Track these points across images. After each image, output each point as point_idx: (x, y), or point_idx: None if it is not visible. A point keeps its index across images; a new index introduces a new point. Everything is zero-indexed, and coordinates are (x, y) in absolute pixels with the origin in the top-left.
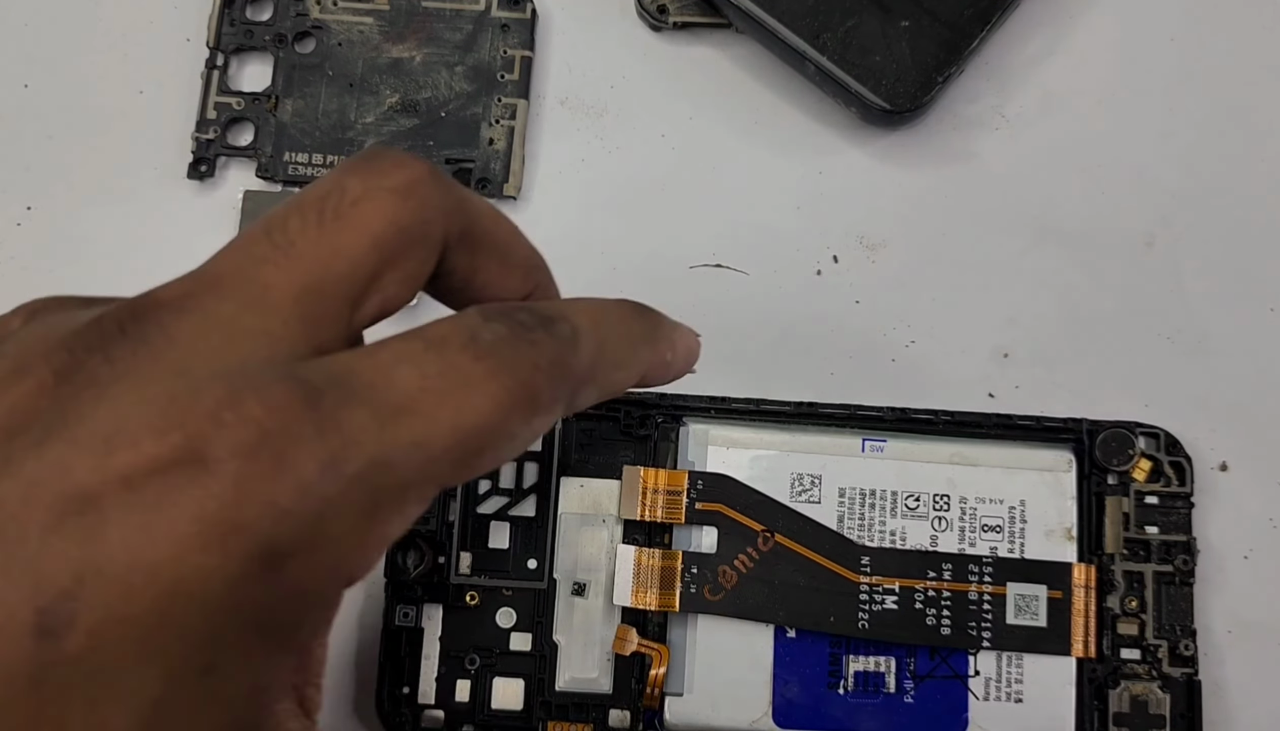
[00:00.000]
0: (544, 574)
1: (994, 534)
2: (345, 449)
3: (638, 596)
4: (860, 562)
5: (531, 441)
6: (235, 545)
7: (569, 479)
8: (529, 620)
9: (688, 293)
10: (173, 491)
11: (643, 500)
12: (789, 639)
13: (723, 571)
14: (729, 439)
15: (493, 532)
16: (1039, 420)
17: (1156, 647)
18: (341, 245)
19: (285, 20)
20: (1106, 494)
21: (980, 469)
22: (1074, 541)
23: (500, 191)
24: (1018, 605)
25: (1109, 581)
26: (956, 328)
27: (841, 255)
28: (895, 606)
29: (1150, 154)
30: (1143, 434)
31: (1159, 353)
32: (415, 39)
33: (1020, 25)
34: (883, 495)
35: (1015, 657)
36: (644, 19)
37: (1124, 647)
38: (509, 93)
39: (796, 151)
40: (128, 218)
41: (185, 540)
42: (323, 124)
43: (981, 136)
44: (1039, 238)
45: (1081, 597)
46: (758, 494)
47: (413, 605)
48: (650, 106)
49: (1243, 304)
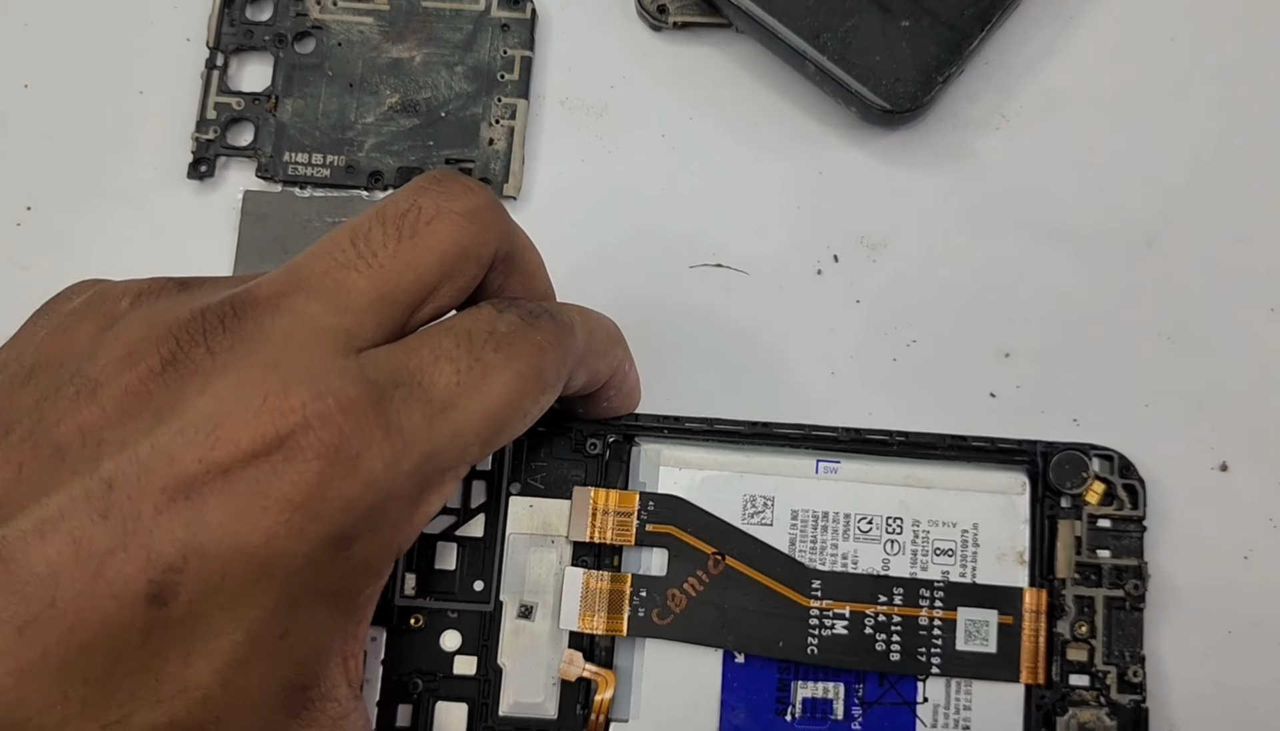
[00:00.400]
0: (490, 596)
1: (946, 557)
2: (405, 448)
3: (585, 620)
4: (811, 586)
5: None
6: (313, 531)
7: (518, 498)
8: (474, 643)
9: (688, 293)
10: (265, 483)
11: (592, 521)
12: (737, 664)
13: (672, 594)
14: (681, 459)
15: (439, 553)
16: (993, 442)
17: (1105, 674)
18: (415, 260)
19: (285, 20)
20: (1059, 517)
21: (934, 491)
22: (1025, 565)
23: (500, 191)
24: (968, 630)
25: (1060, 606)
26: (957, 327)
27: (841, 255)
28: (845, 631)
29: (1150, 154)
30: (1097, 456)
31: (1159, 352)
32: (415, 39)
33: (1020, 25)
34: (835, 517)
35: (964, 684)
36: (644, 19)
37: (1073, 674)
38: (509, 93)
39: (796, 151)
40: (128, 218)
41: (273, 528)
42: (322, 124)
43: (981, 136)
44: (1039, 238)
45: (1032, 623)
46: (709, 516)
47: None
48: (650, 106)
49: (1243, 304)
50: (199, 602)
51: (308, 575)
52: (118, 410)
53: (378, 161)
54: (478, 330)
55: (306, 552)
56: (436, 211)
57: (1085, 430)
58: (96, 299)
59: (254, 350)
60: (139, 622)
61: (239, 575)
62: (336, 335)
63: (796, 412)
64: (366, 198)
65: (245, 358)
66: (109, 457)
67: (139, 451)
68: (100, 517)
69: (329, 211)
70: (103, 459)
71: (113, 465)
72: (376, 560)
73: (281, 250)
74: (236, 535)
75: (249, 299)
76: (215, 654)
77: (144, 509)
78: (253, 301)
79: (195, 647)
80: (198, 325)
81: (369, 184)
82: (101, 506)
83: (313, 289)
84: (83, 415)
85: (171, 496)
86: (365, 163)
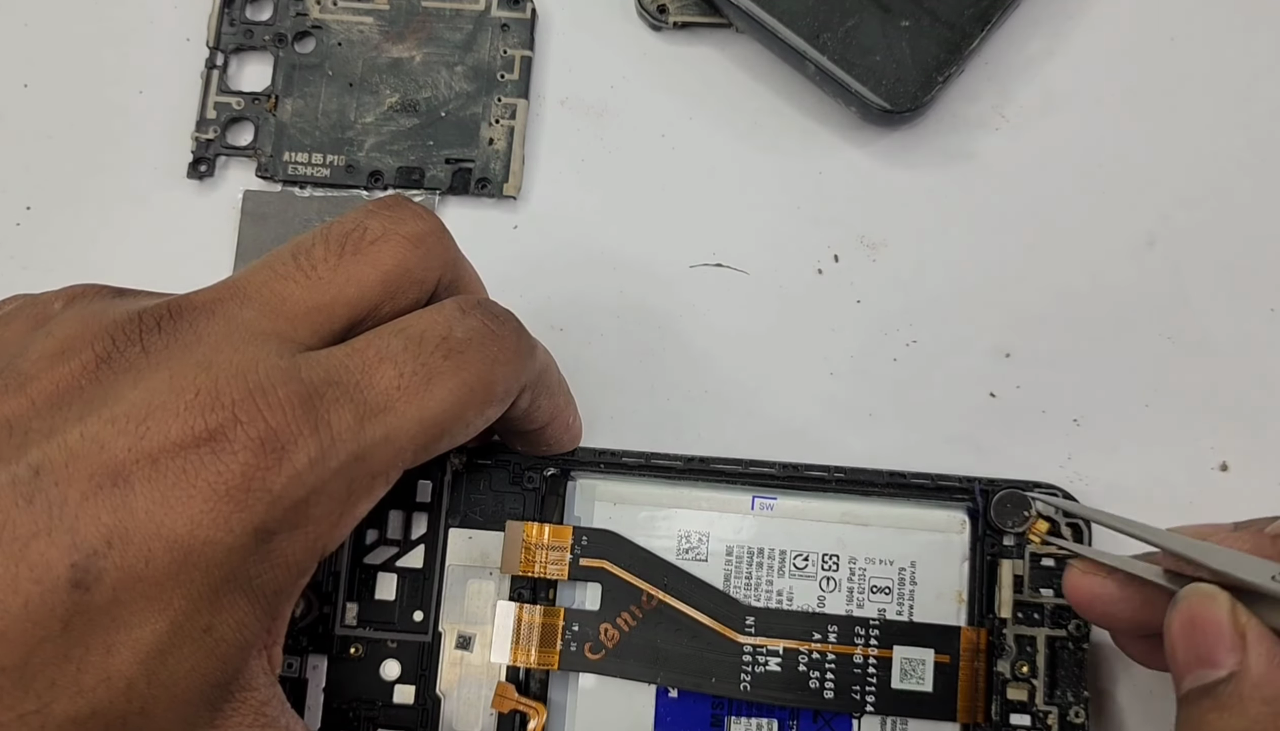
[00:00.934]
0: (430, 626)
1: (883, 595)
2: (333, 445)
3: (516, 654)
4: (745, 623)
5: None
6: (237, 521)
7: (457, 530)
8: (413, 673)
9: (688, 293)
10: (191, 473)
11: (526, 555)
12: (671, 699)
13: (605, 629)
14: (617, 494)
15: (379, 583)
16: (933, 479)
17: (1046, 714)
18: (356, 275)
19: (285, 20)
20: (1001, 556)
21: (871, 528)
22: (964, 604)
23: (500, 191)
24: (904, 669)
25: (1000, 645)
26: (957, 327)
27: (842, 255)
28: (779, 668)
29: (1150, 154)
30: (1042, 493)
31: (1159, 353)
32: (415, 39)
33: (1020, 25)
34: (770, 554)
35: (900, 722)
36: (644, 19)
37: (1013, 713)
38: (509, 93)
39: (796, 151)
40: (128, 218)
41: (198, 517)
42: (322, 124)
43: (981, 136)
44: (1039, 238)
45: (970, 662)
46: (643, 551)
47: (297, 656)
48: (650, 106)
49: (1243, 304)
50: (122, 589)
51: (231, 565)
52: (47, 402)
53: (378, 161)
54: (431, 334)
55: (230, 543)
56: (382, 232)
57: (1085, 430)
58: (28, 304)
59: (188, 349)
60: (60, 609)
61: (163, 562)
62: (270, 338)
63: (797, 412)
64: (367, 197)
65: (179, 356)
66: (36, 446)
67: (68, 439)
68: (25, 502)
69: (329, 211)
70: (30, 447)
71: (40, 452)
72: (300, 556)
73: None
74: (161, 522)
75: (186, 304)
76: (138, 643)
77: (70, 495)
78: (190, 306)
79: (118, 636)
80: (134, 325)
81: (369, 184)
82: (27, 491)
83: (248, 296)
84: (10, 406)
85: (99, 483)
86: (365, 162)
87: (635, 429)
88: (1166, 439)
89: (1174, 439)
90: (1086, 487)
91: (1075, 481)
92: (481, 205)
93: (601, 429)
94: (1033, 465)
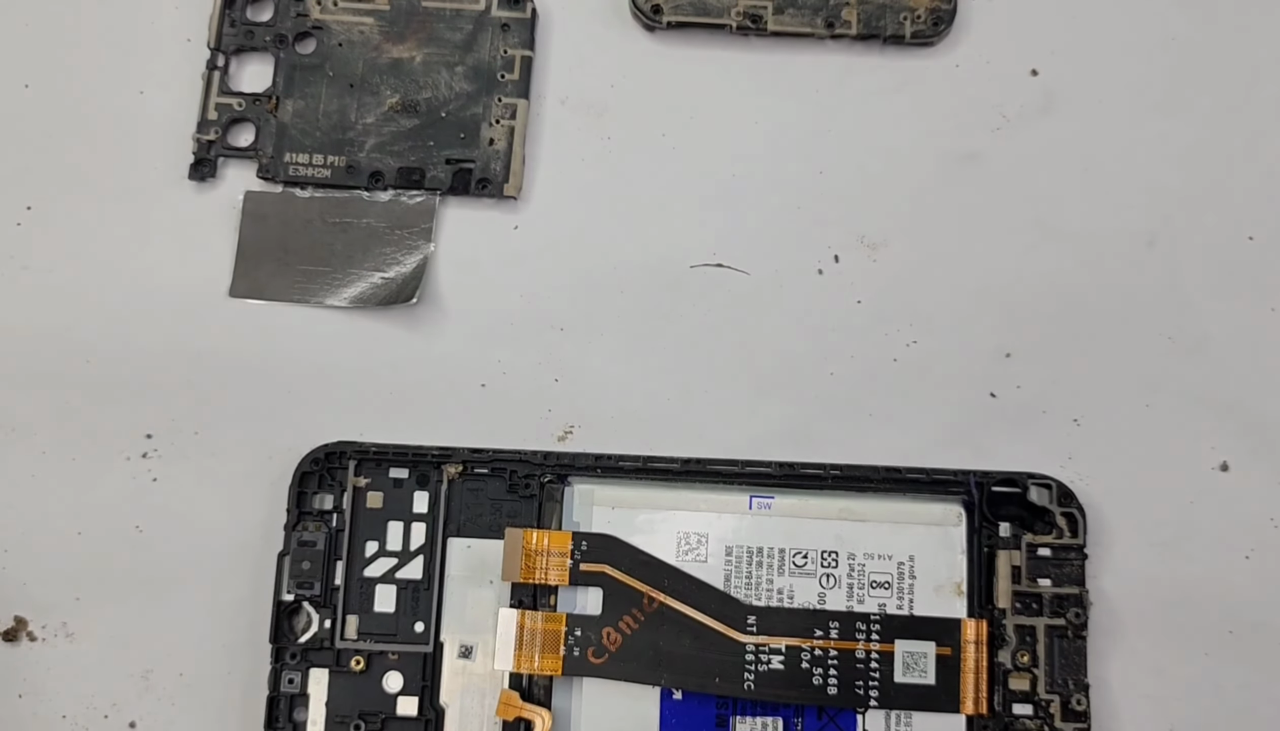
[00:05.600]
0: (431, 637)
1: (882, 590)
2: None
3: (520, 661)
4: (747, 622)
5: None
6: None
7: (456, 540)
8: (415, 684)
9: (688, 292)
10: None
11: (526, 562)
12: (675, 700)
13: (607, 633)
14: (615, 498)
15: (379, 595)
16: (929, 473)
17: (1048, 702)
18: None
19: (285, 21)
20: (998, 547)
21: (869, 524)
22: (964, 596)
23: (500, 191)
24: (906, 663)
25: (1000, 636)
26: (957, 327)
27: (842, 255)
28: (782, 666)
29: (1150, 154)
30: (1035, 485)
31: (1159, 352)
32: (415, 39)
33: (1020, 24)
34: (770, 553)
35: (904, 716)
36: (638, 19)
37: (1016, 702)
38: (509, 93)
39: (797, 151)
40: (128, 218)
41: None
42: (323, 124)
43: (981, 136)
44: (1039, 237)
45: (971, 653)
46: (643, 554)
47: (298, 671)
48: (650, 106)
49: (1243, 304)
50: None
51: None
52: None
53: (378, 161)
54: None
55: None
56: None
57: (1085, 430)
58: None
59: None
60: None
61: None
62: None
63: (796, 413)
64: (367, 197)
65: None
66: None
67: None
68: None
69: (329, 212)
70: None
71: None
72: None
73: (282, 250)
74: None
75: None
76: None
77: None
78: None
79: None
80: None
81: (369, 184)
82: None
83: None
84: None
85: None
86: (366, 163)
87: (635, 429)
88: (1166, 439)
89: (1174, 439)
90: (1087, 487)
91: (1075, 481)
92: (482, 205)
93: (601, 429)
94: (1033, 465)
